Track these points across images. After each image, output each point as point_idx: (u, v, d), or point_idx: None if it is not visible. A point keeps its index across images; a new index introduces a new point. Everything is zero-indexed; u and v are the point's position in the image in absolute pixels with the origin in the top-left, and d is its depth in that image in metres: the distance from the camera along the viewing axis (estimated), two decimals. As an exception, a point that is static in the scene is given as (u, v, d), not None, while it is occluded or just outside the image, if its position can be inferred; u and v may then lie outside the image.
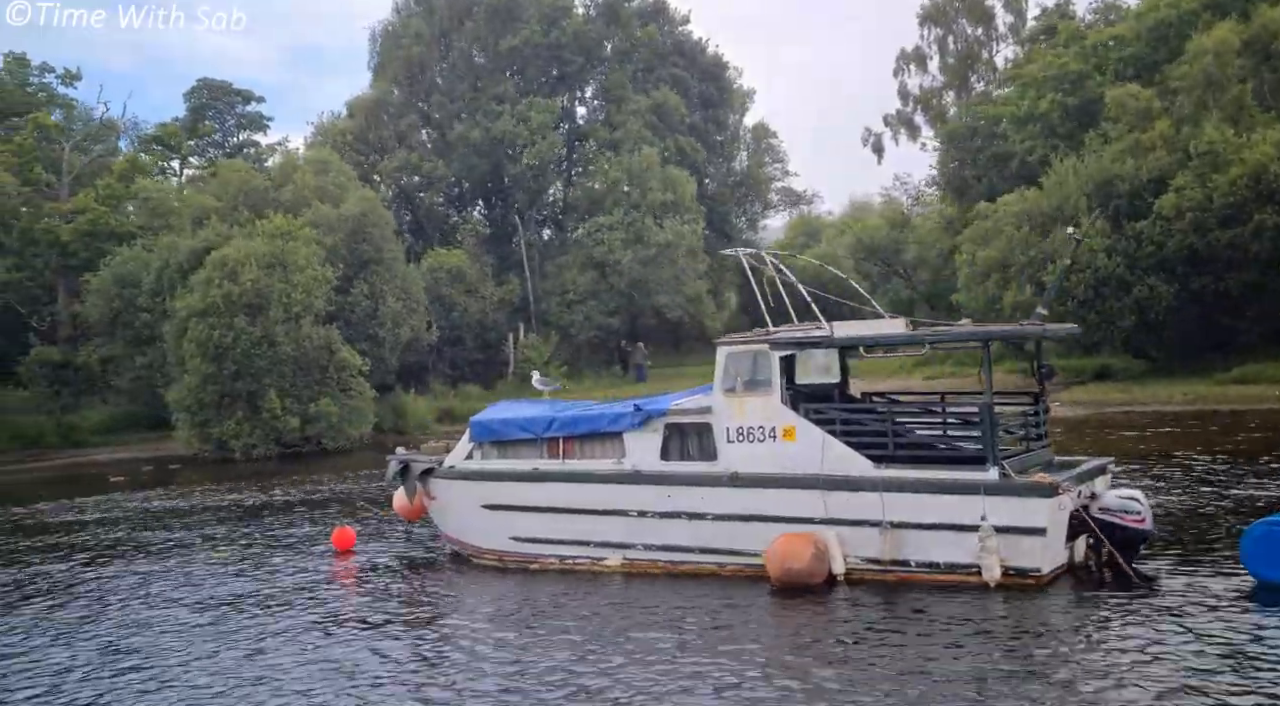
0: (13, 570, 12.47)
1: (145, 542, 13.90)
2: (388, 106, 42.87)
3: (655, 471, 9.25)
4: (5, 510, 19.03)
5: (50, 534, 15.59)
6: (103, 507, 18.58)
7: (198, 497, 19.10)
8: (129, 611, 9.78)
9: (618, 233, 38.96)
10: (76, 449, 34.48)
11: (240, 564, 11.72)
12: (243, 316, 26.40)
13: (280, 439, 26.58)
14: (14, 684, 7.76)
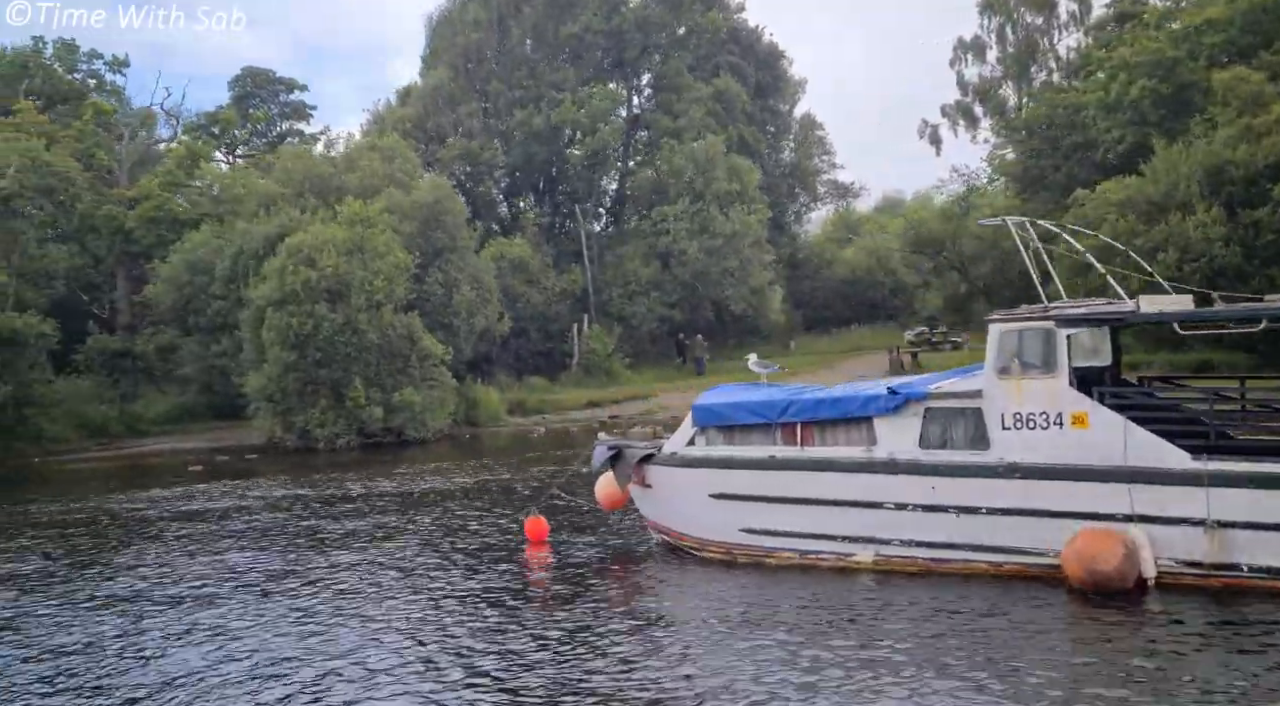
0: (207, 560, 11.70)
1: (317, 531, 13.15)
2: (445, 94, 42.14)
3: (914, 460, 8.47)
4: (124, 496, 18.35)
5: (200, 521, 14.89)
6: (222, 495, 17.86)
7: (313, 487, 18.30)
8: (360, 602, 9.09)
9: (683, 222, 38.18)
10: (140, 438, 33.98)
11: (424, 556, 11.00)
12: (323, 303, 25.75)
13: (363, 429, 25.95)
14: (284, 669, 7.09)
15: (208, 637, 8.28)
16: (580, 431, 27.90)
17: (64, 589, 10.64)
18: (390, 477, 19.17)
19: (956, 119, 50.89)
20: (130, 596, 10.07)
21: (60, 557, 12.66)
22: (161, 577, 10.81)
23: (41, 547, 13.46)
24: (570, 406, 32.29)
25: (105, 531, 14.74)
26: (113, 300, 38.11)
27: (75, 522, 15.74)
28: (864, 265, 54.92)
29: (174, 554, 12.30)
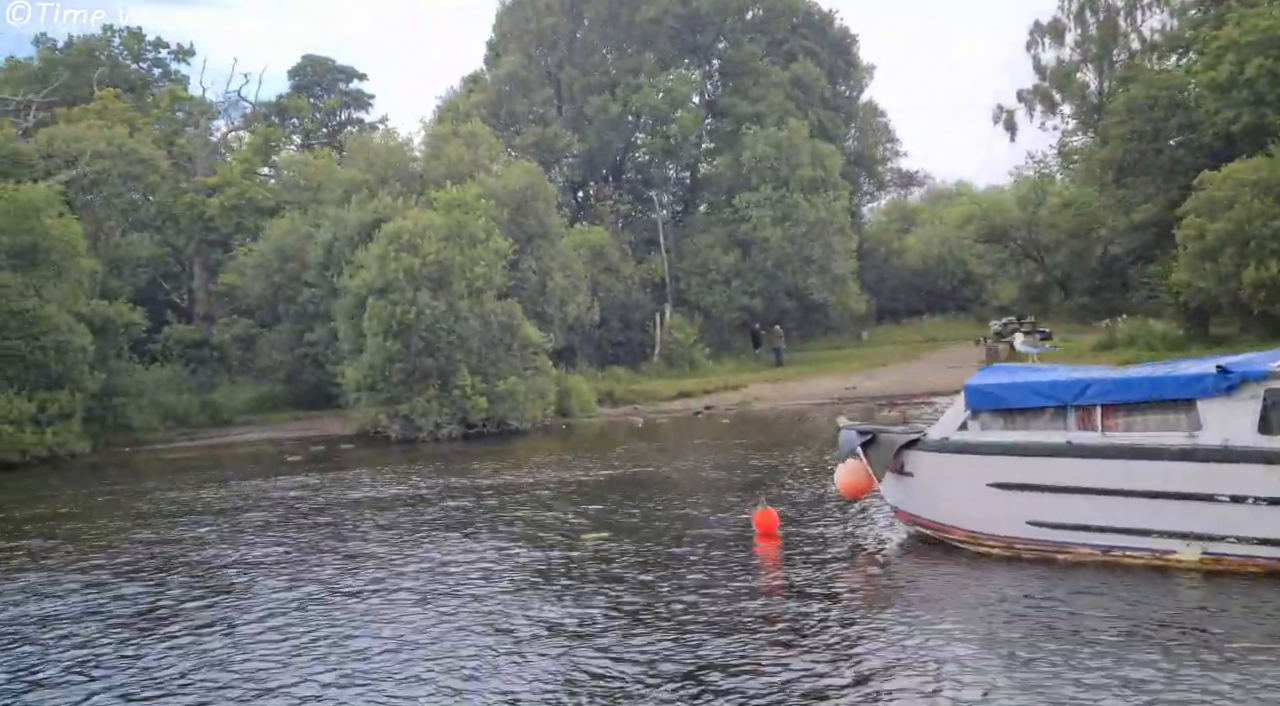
0: (398, 551, 11.06)
1: (534, 521, 12.44)
2: (519, 80, 41.51)
3: (1254, 448, 7.61)
4: (248, 487, 17.84)
5: (389, 510, 14.31)
6: (381, 484, 17.26)
7: (462, 475, 17.63)
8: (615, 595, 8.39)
9: (765, 210, 37.31)
10: (222, 428, 33.71)
11: (631, 547, 10.29)
12: (425, 291, 25.19)
13: (465, 418, 25.38)
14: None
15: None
16: (676, 422, 27.18)
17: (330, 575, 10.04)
18: (537, 467, 18.33)
19: (1034, 104, 49.55)
20: (437, 591, 9.45)
21: (288, 544, 12.09)
22: (438, 571, 10.07)
23: (242, 538, 12.90)
24: (660, 397, 31.57)
25: (295, 523, 14.15)
26: (190, 289, 37.94)
27: (237, 509, 15.23)
28: (934, 254, 53.75)
29: (402, 545, 11.53)
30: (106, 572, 10.91)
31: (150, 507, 16.11)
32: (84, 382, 27.71)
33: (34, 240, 27.31)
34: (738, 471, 15.59)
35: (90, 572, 10.97)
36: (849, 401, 28.35)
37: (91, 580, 10.53)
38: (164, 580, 10.38)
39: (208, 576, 10.54)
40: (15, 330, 26.07)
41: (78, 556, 12.05)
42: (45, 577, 10.89)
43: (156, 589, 9.97)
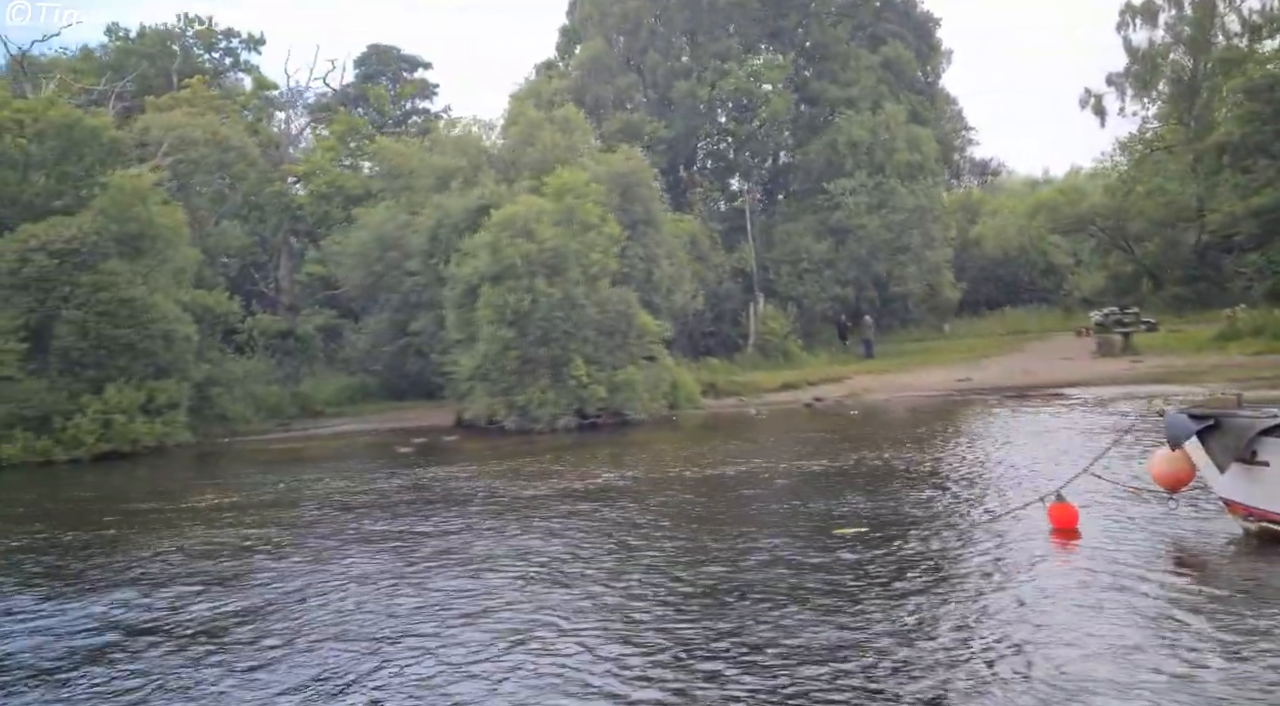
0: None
1: (740, 515, 11.65)
2: (603, 65, 40.74)
3: None
4: (398, 477, 17.23)
5: (541, 504, 13.63)
6: (509, 478, 16.58)
7: (615, 468, 16.81)
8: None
9: (861, 196, 36.24)
10: (315, 419, 33.34)
11: (887, 543, 9.45)
12: (540, 278, 24.52)
13: (581, 409, 24.68)
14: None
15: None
16: (792, 414, 26.28)
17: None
18: (704, 457, 17.40)
19: (1124, 87, 47.88)
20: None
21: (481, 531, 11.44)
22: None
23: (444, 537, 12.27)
24: (764, 388, 30.67)
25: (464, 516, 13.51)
26: (276, 279, 37.66)
27: (417, 501, 14.61)
28: (1014, 244, 52.27)
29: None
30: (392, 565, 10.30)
31: (316, 497, 15.55)
32: (189, 372, 27.41)
33: (140, 228, 27.02)
34: (954, 463, 14.56)
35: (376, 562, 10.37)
36: (968, 394, 27.31)
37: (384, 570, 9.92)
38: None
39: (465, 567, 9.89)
40: (125, 319, 25.77)
41: (329, 545, 11.51)
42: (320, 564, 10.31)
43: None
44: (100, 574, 10.69)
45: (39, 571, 11.13)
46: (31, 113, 28.33)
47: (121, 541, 12.71)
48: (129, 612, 8.89)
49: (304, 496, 15.95)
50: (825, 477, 14.06)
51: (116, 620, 8.67)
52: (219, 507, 15.24)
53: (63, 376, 25.50)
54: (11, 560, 11.92)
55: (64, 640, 8.12)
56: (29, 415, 24.85)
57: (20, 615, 9.08)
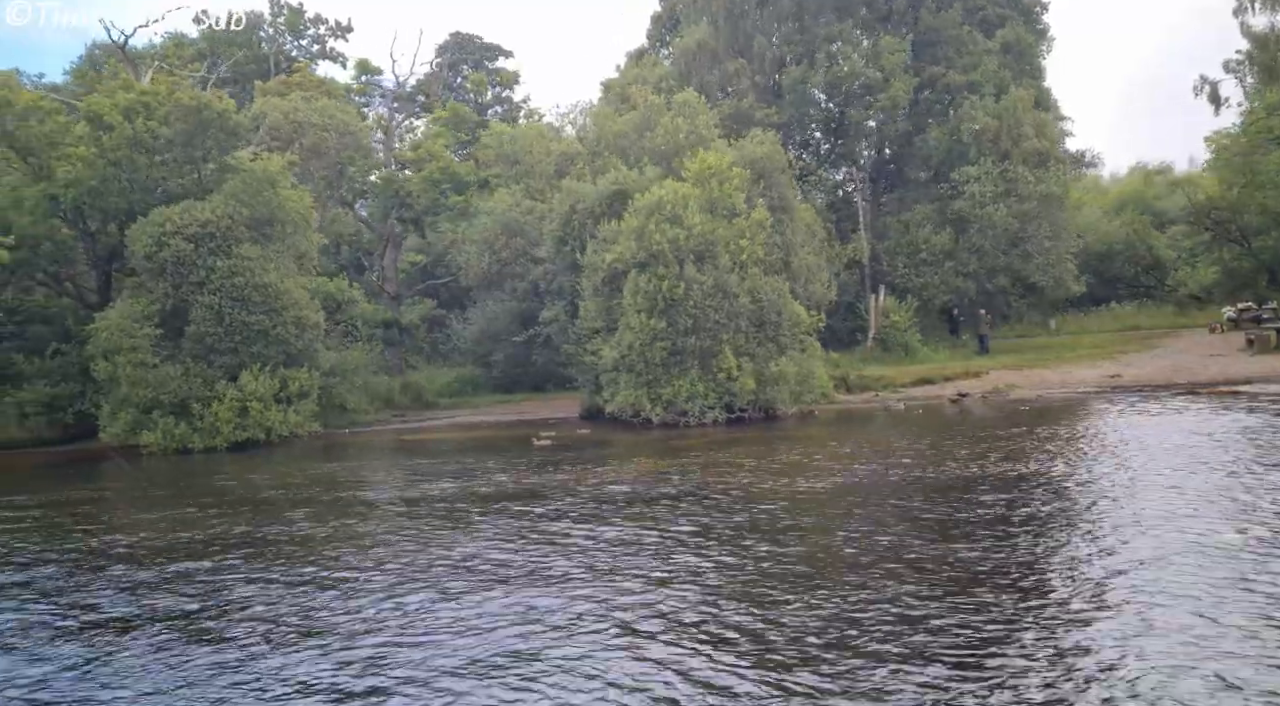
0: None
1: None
2: (708, 51, 39.64)
3: None
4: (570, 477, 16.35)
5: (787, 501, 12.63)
6: (718, 470, 15.59)
7: (792, 465, 15.79)
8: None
9: (986, 185, 34.79)
10: (429, 410, 32.77)
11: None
12: (691, 264, 23.54)
13: (731, 402, 23.68)
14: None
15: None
16: (944, 409, 25.03)
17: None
18: (916, 454, 16.39)
19: (1244, 74, 45.70)
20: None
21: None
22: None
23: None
24: (899, 383, 29.43)
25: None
26: (381, 267, 37.19)
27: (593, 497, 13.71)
28: (1120, 237, 50.38)
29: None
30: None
31: (494, 491, 14.70)
32: (318, 361, 26.88)
33: (269, 212, 26.51)
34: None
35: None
36: (1129, 391, 25.85)
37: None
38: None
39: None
40: (259, 304, 25.30)
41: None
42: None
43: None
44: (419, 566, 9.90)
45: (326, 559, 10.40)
46: (156, 96, 27.93)
47: (392, 539, 11.94)
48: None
49: (478, 491, 15.11)
50: (1088, 486, 12.89)
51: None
52: (413, 500, 14.46)
53: (197, 363, 25.09)
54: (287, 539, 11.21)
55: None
56: (166, 402, 24.46)
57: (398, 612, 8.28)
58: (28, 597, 9.64)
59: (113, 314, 24.58)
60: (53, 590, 9.92)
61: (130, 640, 7.95)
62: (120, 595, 9.49)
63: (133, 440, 24.55)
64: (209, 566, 10.55)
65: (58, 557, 11.60)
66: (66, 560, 11.41)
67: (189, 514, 14.42)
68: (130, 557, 11.32)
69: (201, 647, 7.61)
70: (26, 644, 8.05)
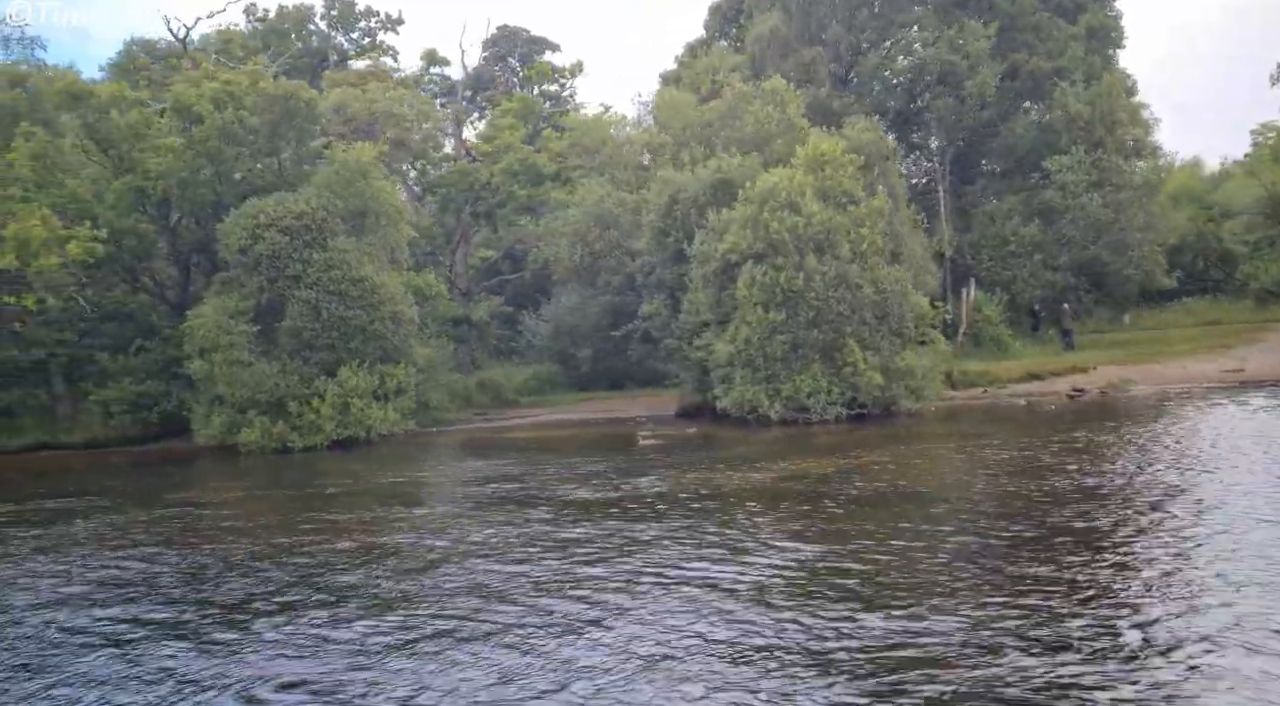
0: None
1: None
2: (780, 39, 38.62)
3: None
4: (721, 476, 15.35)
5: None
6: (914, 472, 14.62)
7: (960, 465, 14.73)
8: None
9: (1079, 174, 33.69)
10: (511, 408, 31.90)
11: None
12: (812, 255, 22.58)
13: (856, 398, 22.69)
14: None
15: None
16: (1067, 405, 24.00)
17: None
18: (1076, 459, 15.41)
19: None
20: None
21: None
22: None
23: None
24: (1006, 379, 28.41)
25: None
26: (452, 262, 36.32)
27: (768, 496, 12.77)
28: (1191, 231, 49.09)
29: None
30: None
31: (660, 492, 13.76)
32: (413, 356, 26.02)
33: (363, 204, 25.67)
34: None
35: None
36: (1259, 385, 24.79)
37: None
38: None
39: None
40: (356, 299, 24.46)
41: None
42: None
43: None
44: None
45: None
46: (240, 85, 27.13)
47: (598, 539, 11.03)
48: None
49: (639, 493, 14.18)
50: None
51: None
52: (577, 502, 13.55)
53: (293, 359, 24.25)
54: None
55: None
56: (263, 399, 23.64)
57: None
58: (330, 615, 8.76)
59: (207, 310, 23.77)
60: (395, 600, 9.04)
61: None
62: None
63: (230, 439, 23.75)
64: (455, 570, 9.66)
65: (347, 561, 10.72)
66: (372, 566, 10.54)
67: (390, 514, 13.56)
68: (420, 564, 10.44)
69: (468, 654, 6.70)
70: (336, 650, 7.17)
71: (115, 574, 10.53)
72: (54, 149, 25.42)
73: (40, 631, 8.43)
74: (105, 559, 11.39)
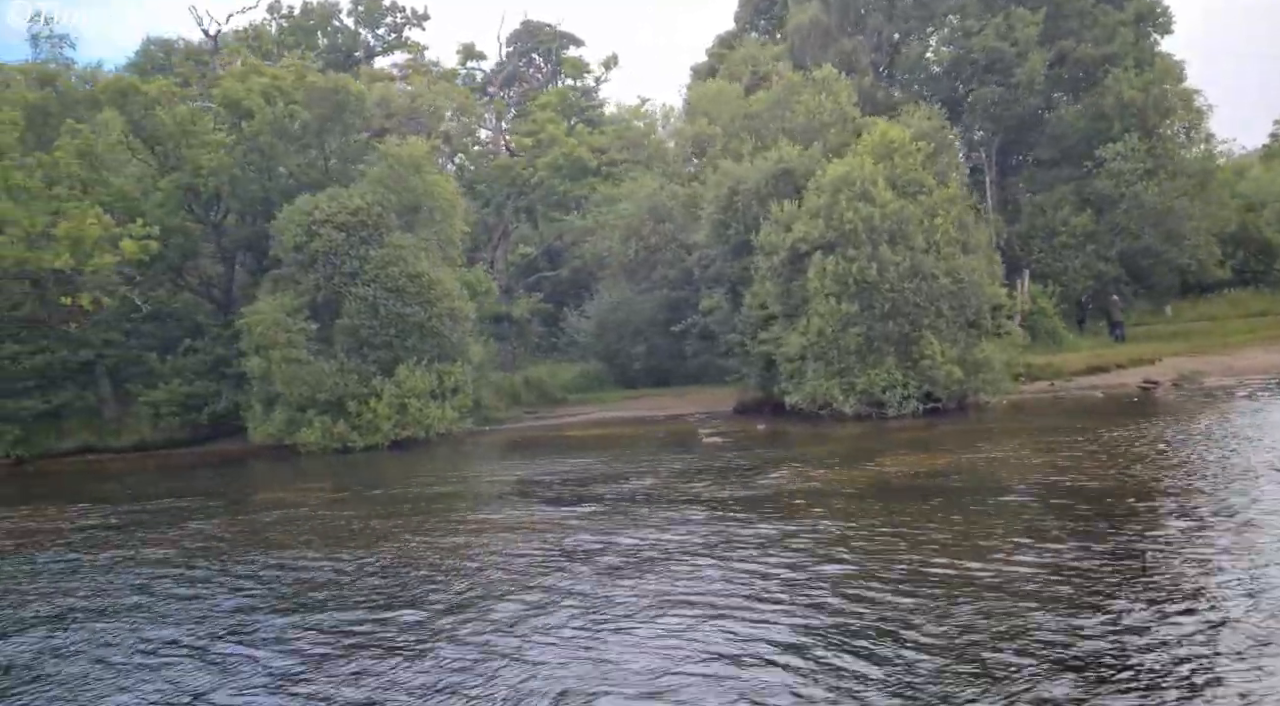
0: None
1: None
2: (820, 29, 38.00)
3: None
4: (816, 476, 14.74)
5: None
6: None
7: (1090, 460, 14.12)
8: None
9: (1133, 162, 33.03)
10: (560, 406, 31.33)
11: None
12: (885, 246, 21.98)
13: (932, 392, 22.09)
14: None
15: None
16: (1124, 397, 23.40)
17: None
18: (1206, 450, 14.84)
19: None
20: None
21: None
22: None
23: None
24: (1069, 371, 27.81)
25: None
26: (493, 259, 35.77)
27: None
28: (1236, 221, 48.42)
29: None
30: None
31: (753, 495, 13.17)
32: (470, 355, 25.47)
33: (416, 199, 25.12)
34: None
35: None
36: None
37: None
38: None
39: None
40: (414, 296, 23.89)
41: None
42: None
43: None
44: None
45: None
46: (284, 79, 26.58)
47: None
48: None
49: (762, 492, 13.60)
50: None
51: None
52: (718, 500, 12.97)
53: (350, 357, 23.71)
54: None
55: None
56: (322, 398, 23.09)
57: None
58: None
59: (264, 307, 23.23)
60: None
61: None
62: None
63: (288, 439, 23.21)
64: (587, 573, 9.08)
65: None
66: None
67: (528, 513, 13.01)
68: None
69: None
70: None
71: (303, 577, 9.90)
72: (99, 146, 24.89)
73: (293, 637, 7.83)
74: (271, 561, 10.81)
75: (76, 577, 10.76)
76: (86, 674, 7.24)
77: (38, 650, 7.99)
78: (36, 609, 9.42)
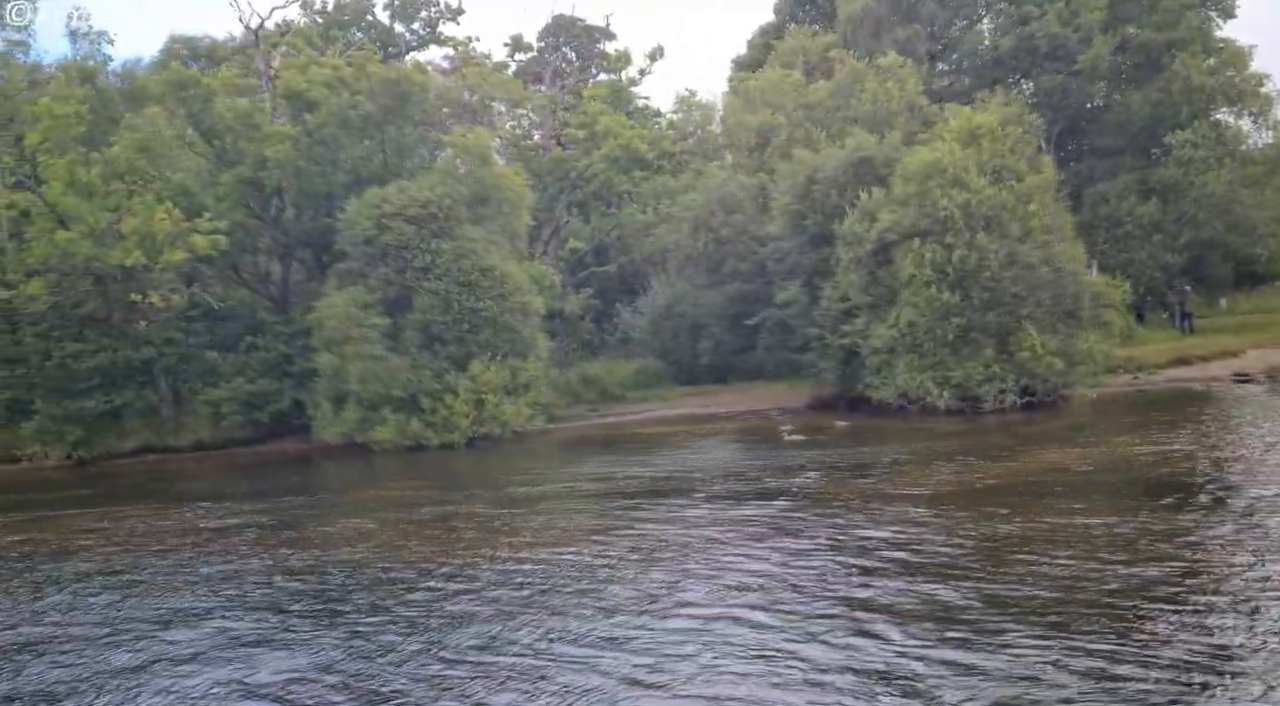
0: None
1: None
2: (873, 18, 37.24)
3: None
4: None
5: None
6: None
7: None
8: None
9: (1203, 149, 32.19)
10: (620, 404, 30.59)
11: None
12: (982, 233, 21.23)
13: (1029, 385, 21.33)
14: None
15: None
16: (1224, 391, 22.60)
17: None
18: None
19: None
20: None
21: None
22: None
23: None
24: (1152, 365, 27.01)
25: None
26: (544, 253, 35.07)
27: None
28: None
29: None
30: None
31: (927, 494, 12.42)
32: (540, 350, 24.76)
33: (484, 191, 24.42)
34: None
35: None
36: None
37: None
38: None
39: None
40: (486, 290, 23.19)
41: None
42: None
43: None
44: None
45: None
46: (343, 70, 25.90)
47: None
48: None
49: (904, 491, 12.88)
50: None
51: None
52: (851, 495, 12.25)
53: (423, 353, 23.02)
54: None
55: None
56: (396, 395, 22.41)
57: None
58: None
59: (337, 301, 22.57)
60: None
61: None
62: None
63: (359, 436, 22.53)
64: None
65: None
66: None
67: (655, 511, 12.32)
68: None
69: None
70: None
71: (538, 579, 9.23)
72: (158, 141, 24.25)
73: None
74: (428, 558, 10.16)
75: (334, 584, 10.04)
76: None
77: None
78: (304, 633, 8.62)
